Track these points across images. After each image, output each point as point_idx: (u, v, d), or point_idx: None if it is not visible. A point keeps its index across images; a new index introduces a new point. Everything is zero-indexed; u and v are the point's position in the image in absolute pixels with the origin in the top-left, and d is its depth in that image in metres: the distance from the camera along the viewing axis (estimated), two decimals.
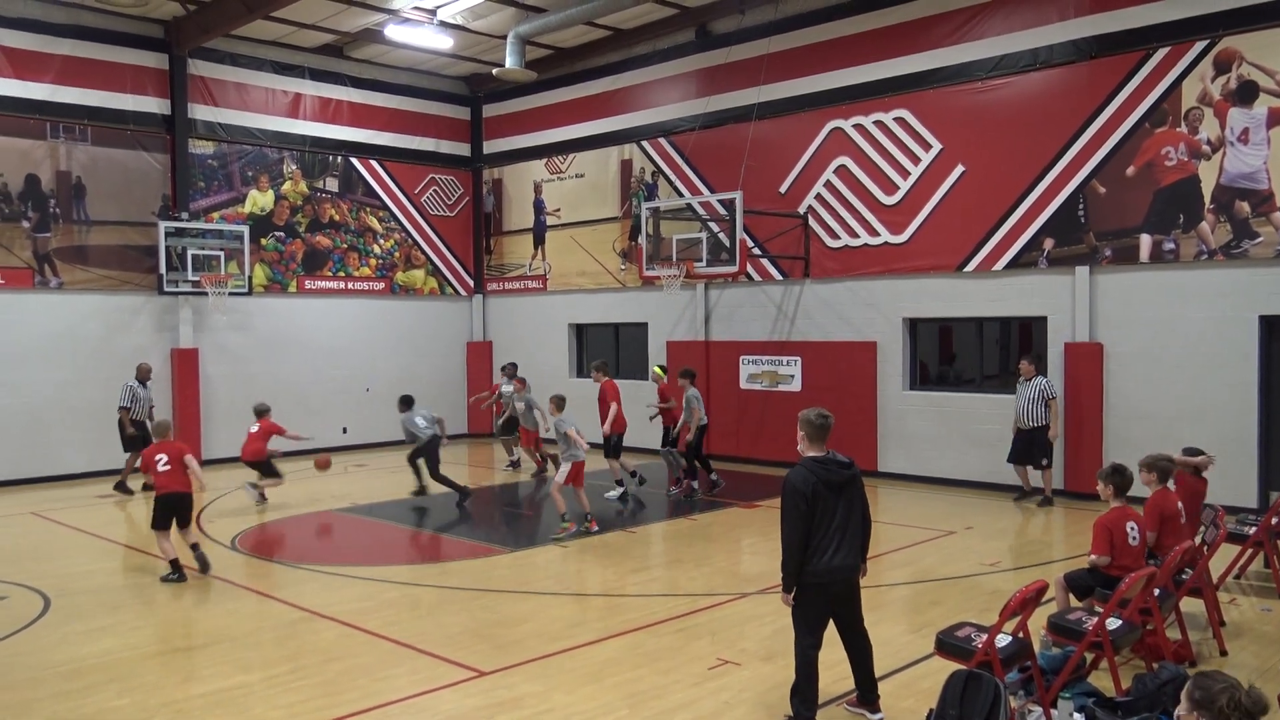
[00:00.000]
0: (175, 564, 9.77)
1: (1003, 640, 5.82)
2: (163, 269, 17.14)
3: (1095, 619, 6.25)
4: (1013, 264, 14.23)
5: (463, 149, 22.12)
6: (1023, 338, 15.22)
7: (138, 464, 10.34)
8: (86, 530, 12.45)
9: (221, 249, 17.81)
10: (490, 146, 22.09)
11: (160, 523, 9.82)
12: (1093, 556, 7.01)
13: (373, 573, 10.12)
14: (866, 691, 6.12)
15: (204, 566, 9.93)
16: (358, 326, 20.37)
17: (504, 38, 17.57)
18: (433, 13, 17.34)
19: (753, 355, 17.20)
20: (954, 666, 5.67)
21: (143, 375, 15.28)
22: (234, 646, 7.78)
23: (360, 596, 9.18)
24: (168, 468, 9.80)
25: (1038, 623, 6.67)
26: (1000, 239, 14.32)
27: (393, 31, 17.97)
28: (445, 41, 18.67)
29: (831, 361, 16.00)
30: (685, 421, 14.03)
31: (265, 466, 13.91)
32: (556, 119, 20.59)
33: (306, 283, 19.67)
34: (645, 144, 18.93)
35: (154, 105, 17.51)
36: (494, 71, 17.68)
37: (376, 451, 19.56)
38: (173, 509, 9.85)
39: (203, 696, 6.65)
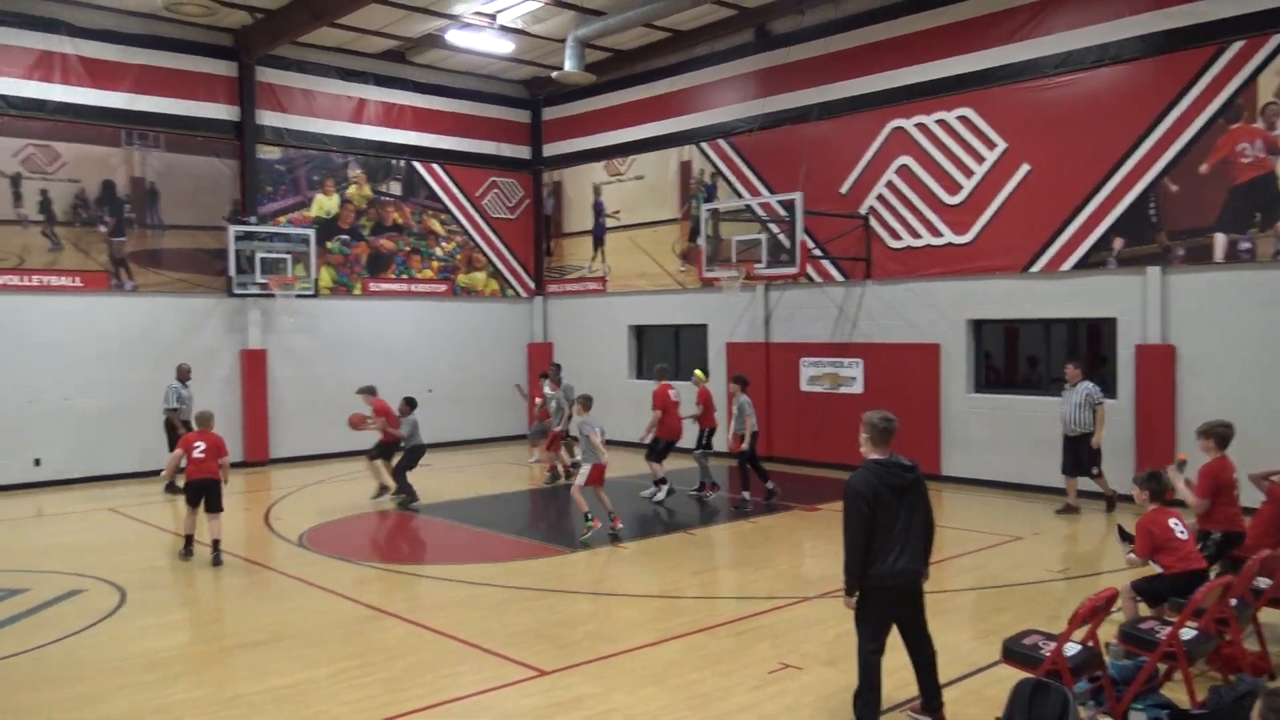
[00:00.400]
0: (189, 541, 10.80)
1: (1071, 649, 5.72)
2: (232, 272, 17.55)
3: (1169, 628, 6.10)
4: (1081, 264, 13.95)
5: (523, 152, 22.31)
6: (1091, 340, 14.92)
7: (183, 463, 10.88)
8: (161, 526, 12.79)
9: (289, 252, 18.18)
10: (550, 149, 22.24)
11: (192, 502, 10.74)
12: (1133, 556, 7.02)
13: (438, 571, 10.26)
14: (930, 698, 6.05)
15: (216, 561, 10.50)
16: (420, 328, 20.65)
17: (563, 41, 17.68)
18: (493, 17, 17.51)
19: (813, 357, 17.08)
20: (1020, 674, 5.59)
21: (183, 375, 15.63)
22: (302, 642, 7.94)
23: (425, 595, 9.31)
24: (203, 455, 10.64)
25: (1108, 632, 6.53)
26: (1068, 239, 14.05)
27: (454, 36, 18.18)
28: (505, 45, 18.84)
29: (894, 363, 15.82)
30: (737, 431, 13.66)
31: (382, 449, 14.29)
32: (616, 121, 20.66)
33: (371, 285, 20.00)
34: (704, 145, 18.92)
35: (224, 112, 17.95)
36: (553, 75, 17.80)
37: (441, 451, 19.78)
38: (202, 493, 10.68)
39: (271, 691, 6.80)
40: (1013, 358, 15.93)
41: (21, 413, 15.80)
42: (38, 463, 15.89)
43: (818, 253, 16.60)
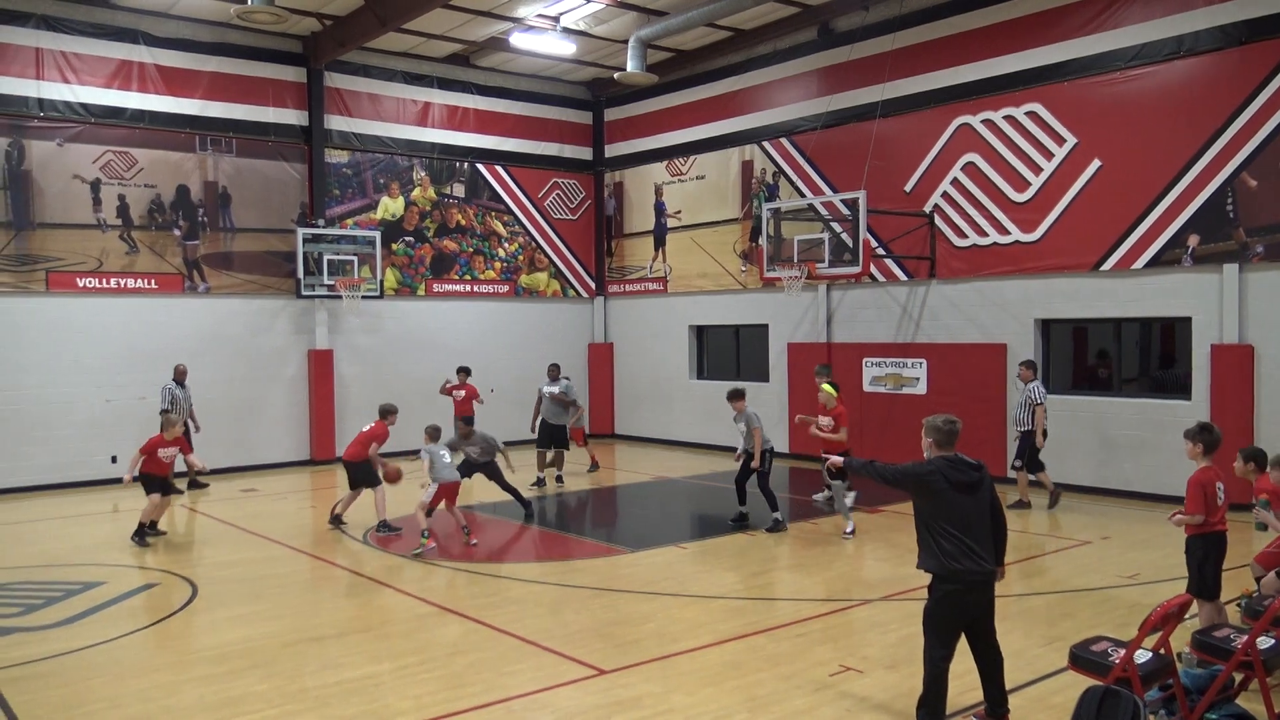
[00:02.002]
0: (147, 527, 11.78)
1: (1142, 656, 5.56)
2: (300, 273, 17.92)
3: (1245, 637, 5.91)
4: (1154, 262, 13.58)
5: (585, 153, 22.41)
6: (1164, 340, 14.53)
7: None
8: (229, 522, 13.10)
9: (355, 254, 18.50)
10: (612, 150, 22.31)
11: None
12: (1183, 515, 6.89)
13: (498, 570, 10.35)
14: (996, 705, 5.93)
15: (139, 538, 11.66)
16: (483, 328, 20.86)
17: (625, 42, 17.73)
18: (556, 19, 17.62)
19: (876, 358, 16.89)
20: (1088, 682, 5.46)
21: (179, 376, 15.85)
22: (366, 638, 8.07)
23: (486, 592, 9.40)
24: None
25: (1180, 640, 6.35)
26: (1140, 236, 13.69)
27: (517, 39, 18.34)
28: (568, 47, 18.95)
29: (959, 364, 15.57)
30: (746, 448, 12.18)
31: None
32: (677, 121, 20.66)
33: (434, 286, 20.26)
34: (766, 144, 18.82)
35: (293, 117, 18.33)
36: (615, 75, 17.86)
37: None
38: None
39: (337, 684, 6.92)
40: (1082, 358, 15.57)
41: (99, 411, 16.31)
42: (114, 460, 16.37)
43: (881, 252, 16.41)
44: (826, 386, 12.26)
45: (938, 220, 16.01)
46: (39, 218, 15.95)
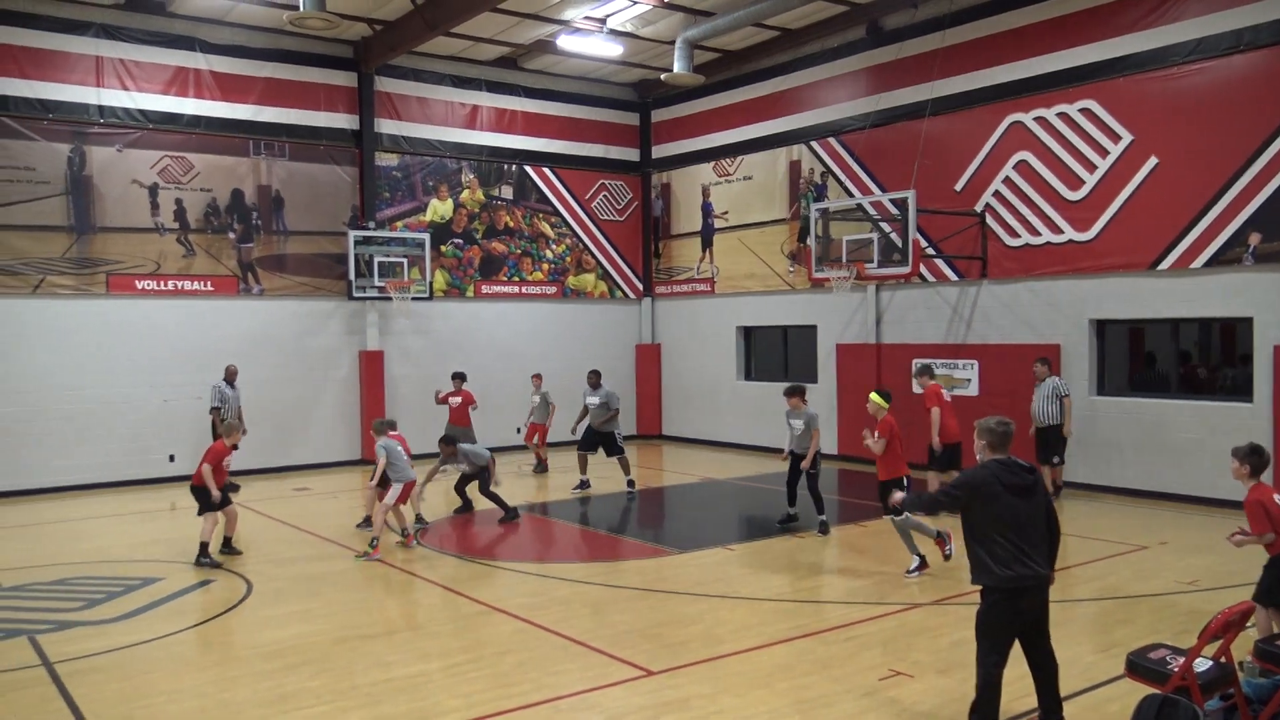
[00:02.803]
0: (225, 541, 11.21)
1: (1202, 664, 5.44)
2: (351, 275, 18.15)
3: None
4: (1213, 261, 13.28)
5: (632, 154, 22.45)
6: (1224, 340, 14.20)
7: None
8: (282, 520, 13.30)
9: (405, 256, 18.70)
10: (659, 151, 22.32)
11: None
12: (1244, 536, 6.67)
13: (547, 570, 10.39)
14: (1050, 712, 5.83)
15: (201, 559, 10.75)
16: (530, 330, 20.98)
17: (672, 43, 17.72)
18: (602, 21, 17.68)
19: (926, 359, 16.68)
20: (1146, 690, 5.35)
21: (230, 376, 16.07)
22: (416, 636, 8.16)
23: (534, 592, 9.44)
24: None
25: (1242, 648, 6.19)
26: (1199, 235, 13.39)
27: (565, 41, 18.43)
28: (614, 49, 18.99)
29: (1010, 365, 15.33)
30: (794, 449, 12.11)
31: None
32: (724, 122, 20.61)
33: (483, 287, 20.41)
34: (814, 144, 18.70)
35: (344, 121, 18.59)
36: (662, 77, 17.86)
37: (550, 451, 20.05)
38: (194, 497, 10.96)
39: (388, 682, 7.00)
40: (1138, 359, 15.27)
41: (157, 411, 16.64)
42: (172, 459, 16.72)
43: (931, 252, 16.23)
44: (875, 396, 10.93)
45: (989, 219, 15.79)
46: (99, 222, 16.34)
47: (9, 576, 10.35)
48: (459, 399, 16.47)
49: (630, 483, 15.28)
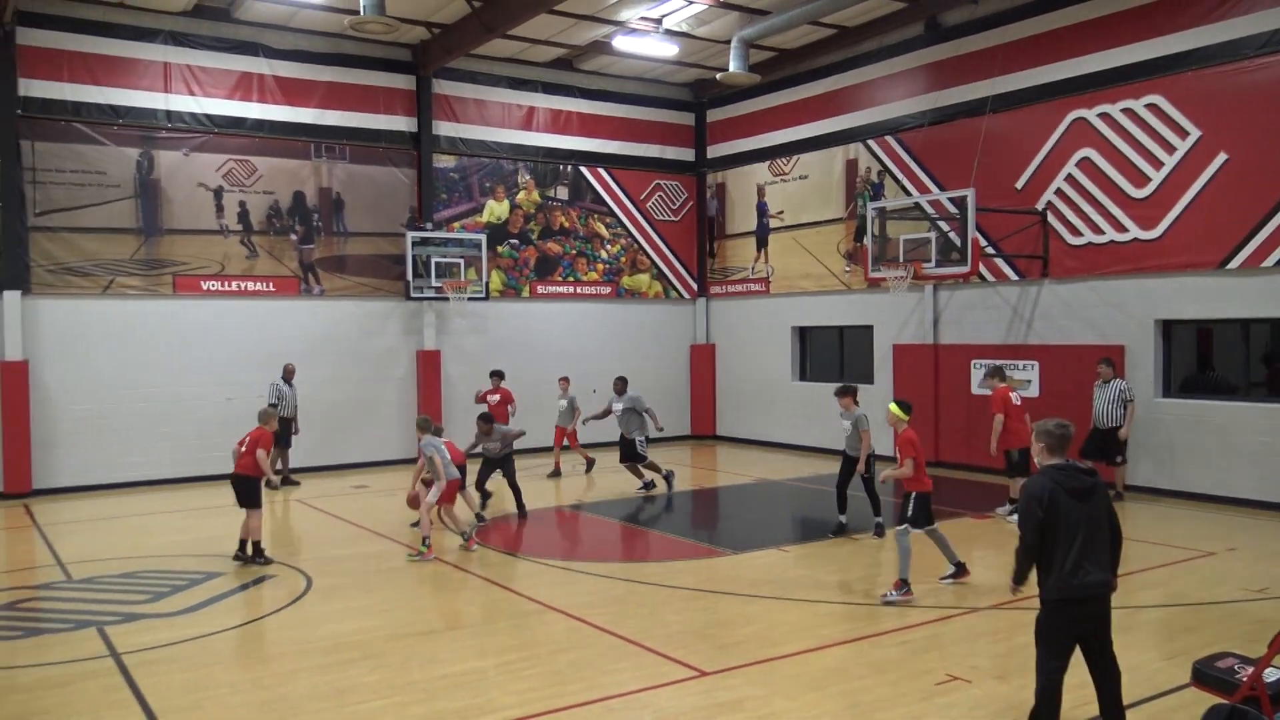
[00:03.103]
0: (241, 545, 10.81)
1: (1273, 674, 5.28)
2: (409, 276, 18.39)
3: None
4: None
5: (687, 154, 22.43)
6: None
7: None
8: (340, 517, 13.51)
9: (461, 257, 18.88)
10: (714, 151, 22.27)
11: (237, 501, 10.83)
12: None
13: (600, 569, 10.42)
14: None
15: (241, 559, 10.72)
16: (585, 330, 21.07)
17: (728, 42, 17.66)
18: (658, 21, 17.68)
19: (985, 359, 16.42)
20: (1212, 700, 5.22)
21: (288, 374, 16.39)
22: (472, 633, 8.24)
23: (588, 591, 9.48)
24: (241, 450, 10.80)
25: None
26: (1271, 232, 13.00)
27: (620, 42, 18.47)
28: (670, 49, 18.99)
29: (1072, 366, 15.04)
30: (849, 450, 12.02)
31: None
32: (780, 121, 20.49)
33: (538, 288, 20.54)
34: (871, 143, 18.52)
35: (403, 124, 18.84)
36: (718, 76, 17.81)
37: (606, 450, 20.11)
38: (233, 489, 10.83)
39: (444, 678, 7.07)
40: (1206, 360, 14.87)
41: (221, 409, 17.00)
42: None
43: (990, 251, 15.97)
44: (894, 407, 9.86)
45: (1051, 218, 15.50)
46: (166, 224, 16.74)
47: (79, 569, 10.66)
48: (497, 396, 16.44)
49: (648, 484, 15.16)
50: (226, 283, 17.26)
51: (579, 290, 21.08)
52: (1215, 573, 9.91)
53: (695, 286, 22.61)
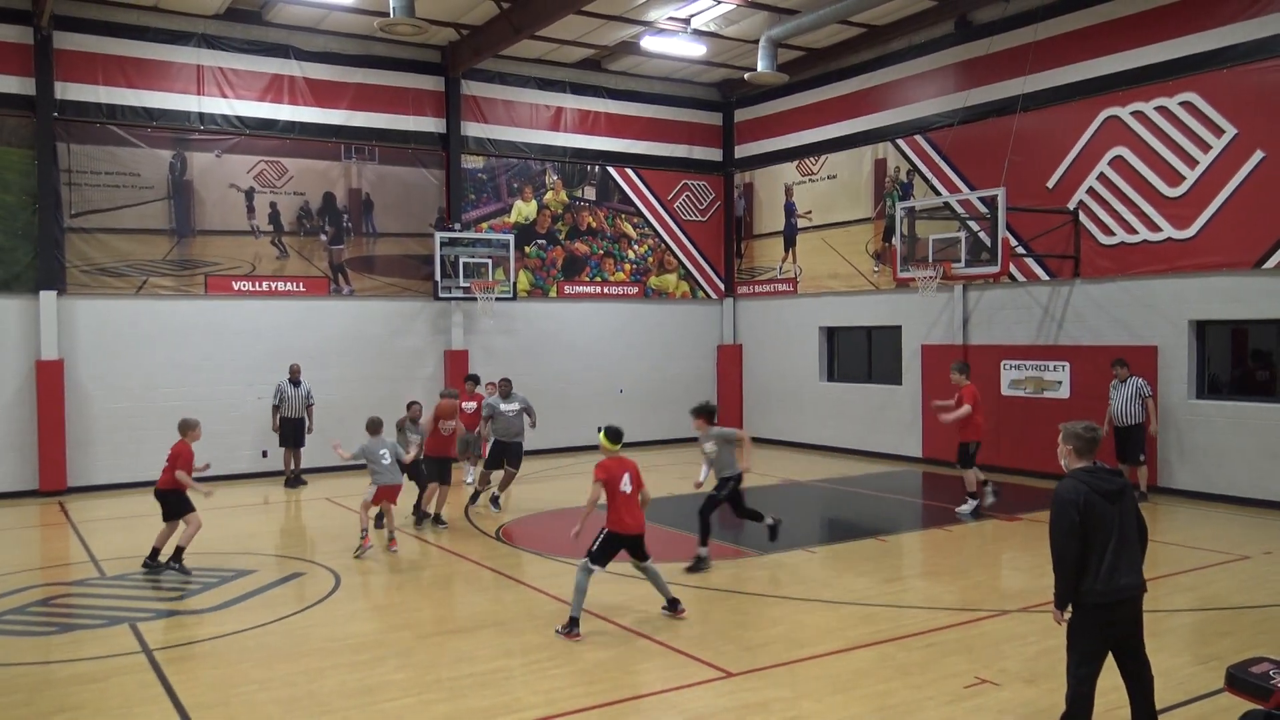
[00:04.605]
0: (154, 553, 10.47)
1: None
2: (438, 276, 18.48)
3: None
4: None
5: (714, 154, 22.39)
6: None
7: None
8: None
9: (489, 257, 18.96)
10: (741, 151, 22.22)
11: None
12: None
13: (626, 569, 10.39)
14: None
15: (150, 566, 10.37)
16: (613, 329, 21.08)
17: (756, 42, 17.63)
18: (686, 21, 17.67)
19: (1015, 360, 16.30)
20: (1247, 705, 5.14)
21: (293, 375, 16.45)
22: (499, 631, 8.26)
23: (615, 591, 9.47)
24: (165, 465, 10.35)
25: None
26: None
27: (648, 42, 18.47)
28: (698, 49, 18.97)
29: (1104, 367, 14.84)
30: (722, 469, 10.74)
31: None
32: (808, 120, 20.41)
33: (566, 288, 20.58)
34: (900, 142, 18.41)
35: (431, 125, 18.94)
36: (746, 76, 17.77)
37: (632, 451, 20.10)
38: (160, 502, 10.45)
39: (470, 676, 7.10)
40: (1242, 361, 14.66)
41: (251, 408, 17.15)
42: (265, 454, 17.23)
43: (1021, 251, 15.83)
44: (602, 438, 8.70)
45: (1083, 217, 15.34)
46: (198, 225, 16.93)
47: (113, 566, 10.80)
48: (473, 405, 15.37)
49: (495, 498, 13.90)
50: (257, 283, 17.43)
51: (606, 290, 21.11)
52: (1251, 576, 9.76)
53: (723, 286, 22.57)
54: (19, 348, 15.65)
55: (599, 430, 8.80)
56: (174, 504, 10.37)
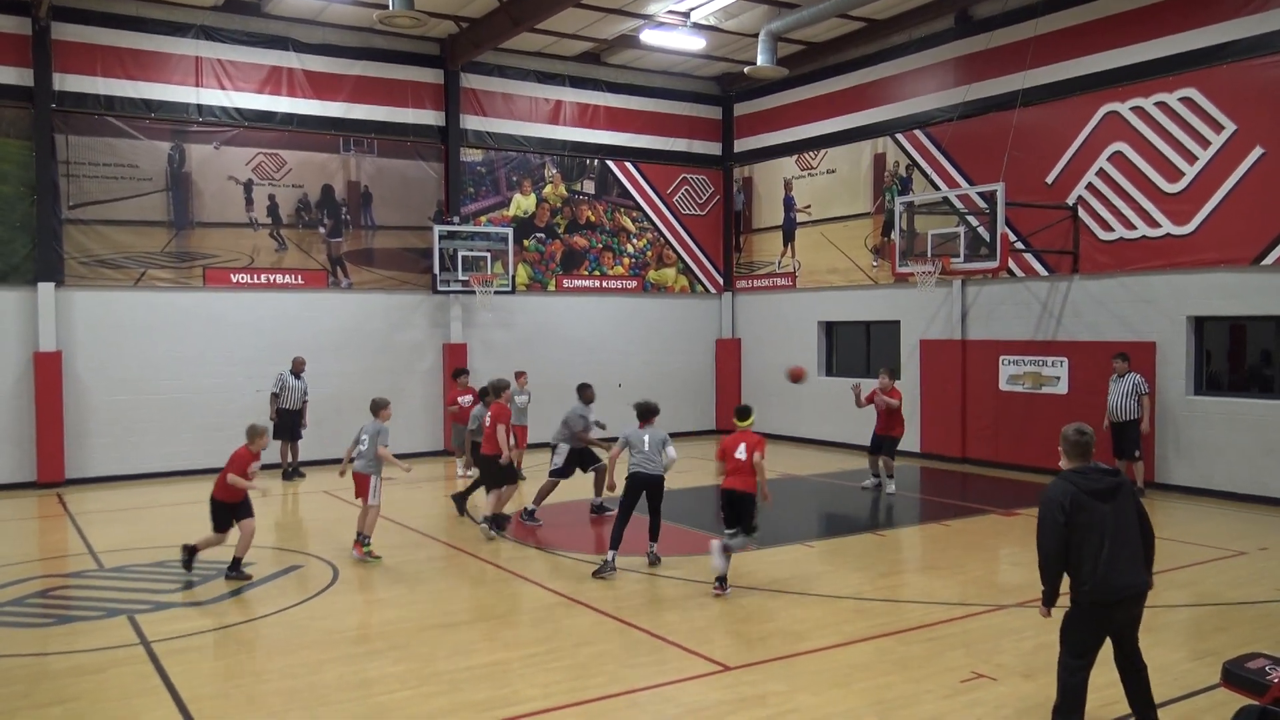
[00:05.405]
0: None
1: None
2: (436, 269, 18.47)
3: None
4: None
5: (714, 148, 22.37)
6: None
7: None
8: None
9: (488, 250, 18.95)
10: (741, 145, 22.20)
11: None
12: None
13: (625, 562, 10.42)
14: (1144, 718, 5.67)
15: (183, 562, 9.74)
16: (611, 324, 21.08)
17: (756, 36, 17.59)
18: (686, 15, 17.64)
19: (1014, 355, 16.31)
20: (1242, 701, 5.15)
21: (296, 368, 16.38)
22: (497, 625, 8.27)
23: (613, 585, 9.49)
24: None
25: None
26: None
27: (648, 36, 18.44)
28: (698, 43, 18.94)
29: (1102, 363, 14.86)
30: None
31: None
32: (808, 115, 20.40)
33: (564, 281, 20.58)
34: (900, 137, 18.40)
35: (430, 118, 18.91)
36: (745, 70, 17.75)
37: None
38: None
39: (468, 669, 7.11)
40: (1239, 357, 14.68)
41: (250, 401, 17.14)
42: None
43: (1020, 246, 15.84)
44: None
45: (1081, 213, 15.35)
46: (197, 217, 16.91)
47: (111, 558, 10.80)
48: (469, 398, 15.52)
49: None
50: (255, 275, 17.41)
51: (605, 284, 21.10)
52: (1247, 572, 9.79)
53: (721, 281, 22.57)
54: (17, 340, 15.64)
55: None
56: (224, 512, 9.79)
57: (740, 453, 9.28)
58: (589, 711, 6.34)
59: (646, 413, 10.25)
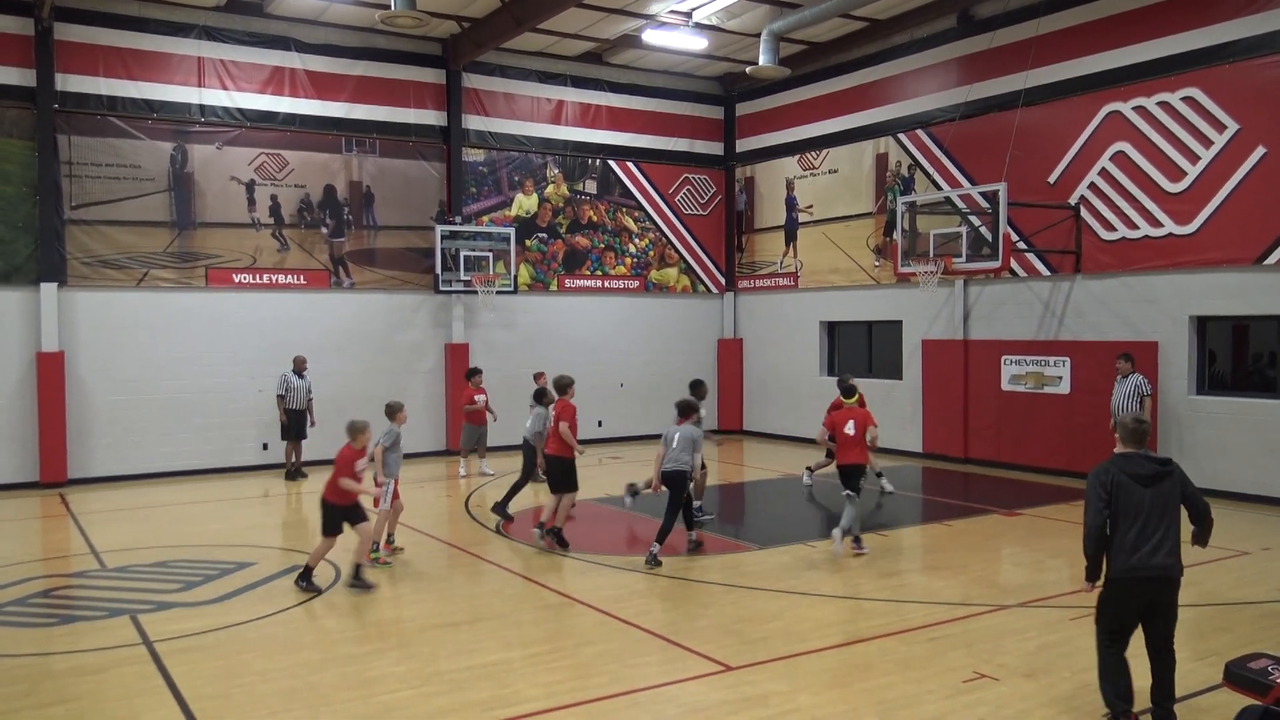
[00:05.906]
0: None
1: None
2: (438, 269, 18.48)
3: None
4: None
5: (716, 148, 22.37)
6: None
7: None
8: (370, 509, 13.56)
9: (490, 250, 18.96)
10: (743, 145, 22.20)
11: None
12: None
13: (626, 562, 10.43)
14: (1159, 705, 5.84)
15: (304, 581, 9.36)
16: (613, 323, 21.08)
17: (758, 36, 17.57)
18: (688, 15, 17.64)
19: (1016, 355, 16.30)
20: (1245, 701, 5.15)
21: (298, 367, 16.40)
22: (499, 624, 8.27)
23: (614, 585, 9.49)
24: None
25: None
26: None
27: (650, 36, 18.43)
28: (700, 43, 18.94)
29: (1105, 362, 14.85)
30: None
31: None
32: (810, 115, 20.39)
33: (566, 281, 20.58)
34: (902, 136, 18.39)
35: (432, 118, 18.92)
36: (748, 70, 17.73)
37: (631, 444, 20.16)
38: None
39: (470, 669, 7.11)
40: (1242, 357, 14.66)
41: (252, 401, 17.18)
42: (265, 447, 17.24)
43: (1022, 246, 15.82)
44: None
45: (1084, 212, 15.33)
46: (199, 217, 16.93)
47: (113, 558, 10.81)
48: (483, 397, 16.10)
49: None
50: (258, 275, 17.43)
51: (607, 284, 21.10)
52: (1250, 572, 9.79)
53: (723, 281, 22.57)
54: (19, 340, 15.65)
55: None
56: (335, 515, 9.41)
57: (850, 428, 10.52)
58: (591, 711, 6.34)
59: (684, 410, 10.59)
